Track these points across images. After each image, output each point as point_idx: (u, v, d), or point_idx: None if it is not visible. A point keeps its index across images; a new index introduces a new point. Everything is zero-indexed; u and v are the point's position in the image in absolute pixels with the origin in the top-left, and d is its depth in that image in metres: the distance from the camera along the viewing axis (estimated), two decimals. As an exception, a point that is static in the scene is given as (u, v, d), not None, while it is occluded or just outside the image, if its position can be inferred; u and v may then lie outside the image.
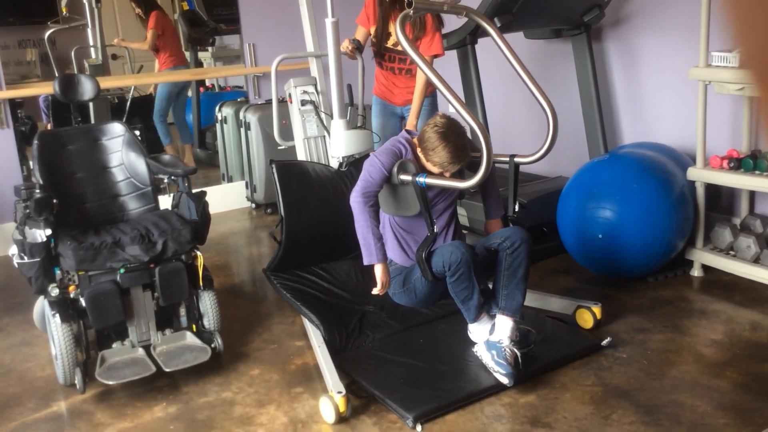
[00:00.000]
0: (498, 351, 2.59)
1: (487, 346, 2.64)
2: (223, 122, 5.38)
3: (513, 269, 2.69)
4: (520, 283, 2.69)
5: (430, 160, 2.70)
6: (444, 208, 2.90)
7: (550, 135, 2.82)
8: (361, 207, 2.72)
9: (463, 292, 2.66)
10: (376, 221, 2.75)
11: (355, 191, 2.75)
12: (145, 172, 3.17)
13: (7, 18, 5.06)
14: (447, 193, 2.89)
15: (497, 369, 2.55)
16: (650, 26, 3.98)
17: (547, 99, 2.84)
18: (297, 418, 2.50)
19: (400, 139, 2.83)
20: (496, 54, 4.50)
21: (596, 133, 4.09)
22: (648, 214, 3.30)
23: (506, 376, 2.52)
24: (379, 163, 2.73)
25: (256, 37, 5.36)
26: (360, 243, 2.75)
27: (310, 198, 3.19)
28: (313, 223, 3.19)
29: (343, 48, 3.48)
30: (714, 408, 2.41)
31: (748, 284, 3.38)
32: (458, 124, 2.71)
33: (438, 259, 2.63)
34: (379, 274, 2.74)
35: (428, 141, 2.68)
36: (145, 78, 5.60)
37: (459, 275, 2.60)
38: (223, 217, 5.11)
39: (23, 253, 2.73)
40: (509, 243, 2.68)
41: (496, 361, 2.57)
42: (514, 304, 2.69)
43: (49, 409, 2.68)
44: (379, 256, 2.72)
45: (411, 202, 2.76)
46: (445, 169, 2.69)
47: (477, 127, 2.52)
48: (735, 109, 3.64)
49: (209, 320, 2.96)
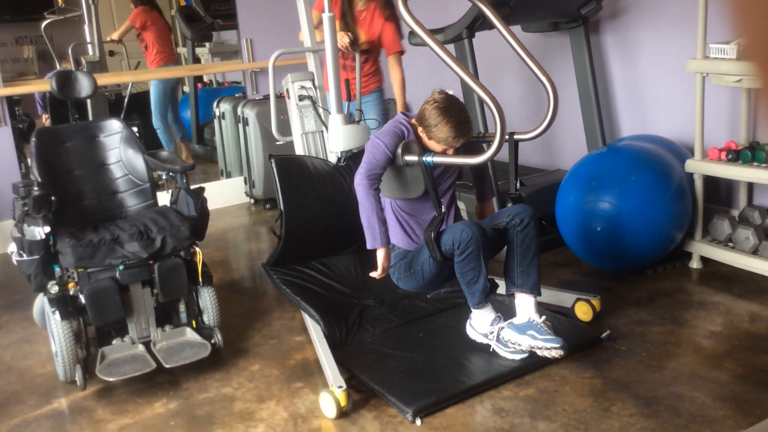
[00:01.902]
0: (537, 329, 2.62)
1: (518, 329, 2.65)
2: (221, 118, 5.37)
3: (526, 246, 2.69)
4: (534, 259, 2.71)
5: (434, 138, 2.67)
6: (446, 188, 2.89)
7: (551, 110, 2.76)
8: (367, 190, 2.67)
9: (469, 273, 2.62)
10: (381, 205, 2.71)
11: (359, 174, 2.68)
12: (144, 168, 3.17)
13: (3, 15, 5.05)
14: (449, 173, 2.88)
15: (545, 345, 2.58)
16: (648, 19, 3.98)
17: (546, 75, 2.77)
18: (297, 413, 2.51)
19: (401, 120, 2.79)
20: (493, 49, 4.50)
21: (594, 125, 4.09)
22: (646, 207, 3.30)
23: (561, 348, 2.56)
24: (383, 145, 2.68)
25: (254, 33, 5.36)
26: (364, 226, 2.70)
27: (310, 192, 3.18)
28: (313, 218, 3.19)
29: (340, 42, 3.49)
30: (713, 399, 2.42)
31: (747, 276, 3.39)
32: (457, 99, 2.70)
33: (448, 238, 2.60)
34: (381, 259, 2.70)
35: (429, 118, 2.65)
36: (142, 75, 5.59)
37: (468, 254, 2.56)
38: (222, 212, 5.11)
39: (22, 250, 2.73)
40: (518, 220, 2.68)
41: (542, 339, 2.59)
42: (532, 281, 2.71)
43: (49, 405, 2.68)
44: (383, 240, 2.69)
45: (415, 184, 2.74)
46: (449, 144, 2.66)
47: (489, 99, 2.46)
48: (733, 101, 3.63)
49: (209, 316, 2.96)
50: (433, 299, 3.17)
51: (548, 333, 2.61)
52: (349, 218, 2.78)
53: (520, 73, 4.67)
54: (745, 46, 0.56)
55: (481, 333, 2.73)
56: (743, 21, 0.54)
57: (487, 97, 2.48)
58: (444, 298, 3.15)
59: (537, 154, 4.75)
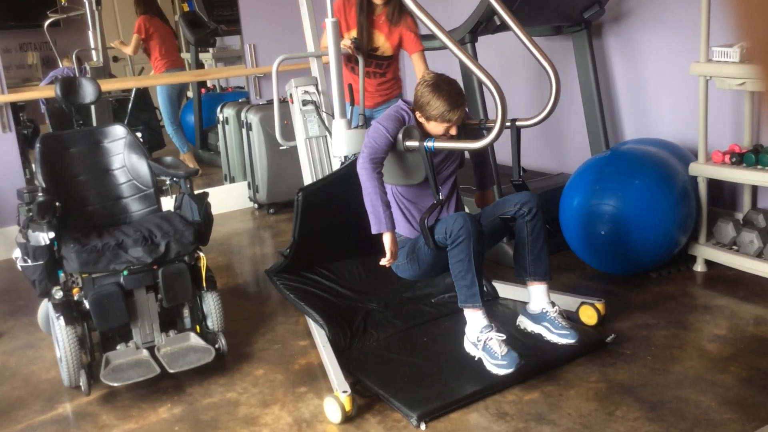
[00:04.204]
0: (552, 322, 2.67)
1: (533, 319, 2.70)
2: (224, 123, 5.38)
3: (535, 234, 2.71)
4: (543, 246, 2.72)
5: (430, 116, 2.65)
6: (447, 175, 2.88)
7: (553, 96, 2.71)
8: (370, 173, 2.64)
9: (458, 266, 2.57)
10: (384, 189, 2.68)
11: (361, 158, 2.66)
12: (147, 174, 3.18)
13: (8, 21, 5.06)
14: (450, 159, 2.87)
15: (559, 340, 2.65)
16: (650, 22, 3.98)
17: (548, 60, 2.72)
18: (301, 418, 2.51)
19: (401, 106, 2.78)
20: (496, 52, 4.51)
21: (598, 129, 4.09)
22: (650, 210, 3.30)
23: (576, 342, 2.63)
24: (384, 129, 2.66)
25: (257, 38, 5.37)
26: (368, 211, 2.65)
27: (326, 220, 3.13)
28: (323, 232, 3.18)
29: (344, 46, 3.49)
30: (718, 403, 2.41)
31: (752, 279, 3.38)
32: (447, 76, 2.68)
33: (441, 227, 2.58)
34: (388, 243, 2.65)
35: (422, 97, 2.65)
36: (146, 80, 5.61)
37: (458, 244, 2.53)
38: (226, 217, 5.11)
39: (27, 256, 2.74)
40: (527, 209, 2.68)
41: (557, 334, 2.65)
42: (543, 268, 2.73)
43: (54, 411, 2.68)
44: (388, 225, 2.63)
45: (416, 170, 2.73)
46: (447, 119, 2.64)
47: (489, 81, 2.42)
48: (736, 104, 3.63)
49: (213, 321, 2.96)
50: (437, 303, 3.17)
51: (562, 327, 2.67)
52: (355, 225, 2.76)
53: (523, 78, 4.67)
54: (749, 48, 0.56)
55: (471, 342, 2.64)
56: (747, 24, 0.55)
57: (487, 79, 2.42)
58: (448, 302, 3.14)
59: (541, 157, 4.75)
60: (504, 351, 2.51)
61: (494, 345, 2.53)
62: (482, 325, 2.60)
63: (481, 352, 2.57)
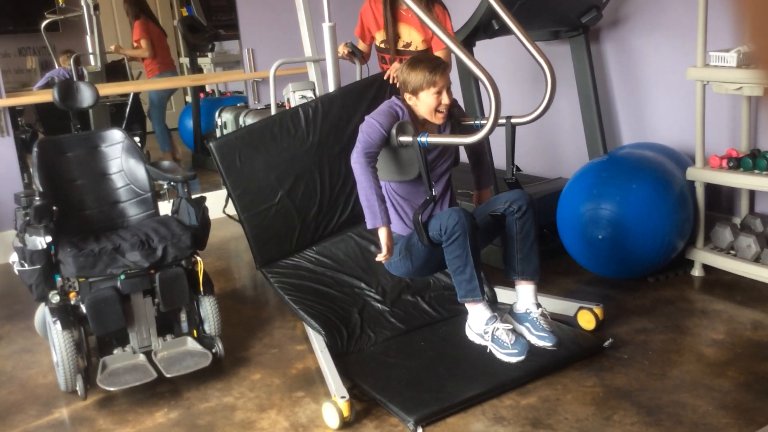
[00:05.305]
0: (532, 323, 2.64)
1: (517, 318, 2.67)
2: (223, 127, 5.38)
3: (525, 232, 2.67)
4: (533, 245, 2.68)
5: (417, 88, 2.69)
6: (441, 172, 2.87)
7: (548, 92, 2.70)
8: (364, 167, 2.62)
9: (455, 261, 2.55)
10: (379, 183, 2.66)
11: (356, 152, 2.65)
12: (145, 178, 3.18)
13: (6, 26, 5.07)
14: (444, 156, 2.86)
15: (537, 342, 2.61)
16: (648, 27, 3.99)
17: (544, 57, 2.71)
18: (298, 423, 2.50)
19: (394, 101, 2.79)
20: (494, 57, 4.51)
21: (595, 133, 4.09)
22: (648, 215, 3.30)
23: (553, 346, 2.59)
24: (377, 124, 2.66)
25: (255, 42, 5.37)
26: (363, 206, 2.64)
27: (260, 167, 3.08)
28: (272, 194, 3.11)
29: (340, 52, 3.49)
30: (716, 408, 2.41)
31: (749, 283, 3.38)
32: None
33: (435, 223, 2.56)
34: (384, 238, 2.63)
35: (404, 75, 2.72)
36: (144, 85, 5.61)
37: (454, 239, 2.51)
38: (224, 222, 5.09)
39: (24, 260, 2.74)
40: (516, 207, 2.64)
41: (536, 335, 2.61)
42: (532, 267, 2.69)
43: (50, 415, 2.68)
44: (383, 219, 2.62)
45: (409, 166, 2.72)
46: (431, 81, 2.66)
47: (484, 77, 2.41)
48: (734, 109, 3.64)
49: (210, 325, 2.96)
50: (434, 300, 3.15)
51: (542, 329, 2.63)
52: (313, 174, 2.74)
53: (520, 82, 4.67)
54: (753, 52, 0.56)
55: (476, 333, 2.65)
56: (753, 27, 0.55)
57: (481, 73, 2.41)
58: (446, 306, 3.14)
59: (538, 162, 4.75)
60: (512, 339, 2.53)
61: (502, 335, 2.55)
62: (487, 317, 2.60)
63: (490, 343, 2.58)
